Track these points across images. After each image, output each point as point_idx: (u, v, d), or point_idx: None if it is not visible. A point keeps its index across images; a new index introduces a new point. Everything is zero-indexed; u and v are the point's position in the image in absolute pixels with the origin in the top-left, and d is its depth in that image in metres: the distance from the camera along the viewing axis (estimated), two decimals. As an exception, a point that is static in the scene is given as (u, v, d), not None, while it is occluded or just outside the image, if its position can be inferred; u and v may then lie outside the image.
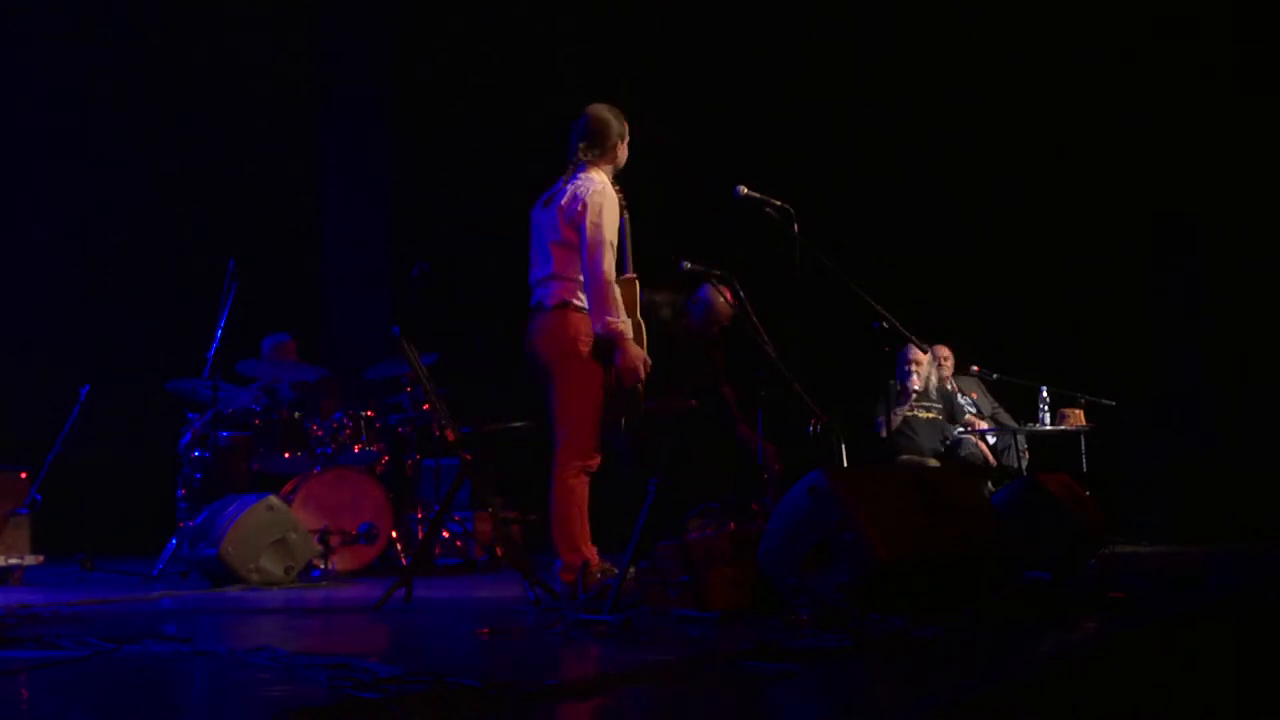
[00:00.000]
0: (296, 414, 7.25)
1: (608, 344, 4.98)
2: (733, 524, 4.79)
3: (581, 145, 5.22)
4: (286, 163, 9.95)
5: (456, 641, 4.00)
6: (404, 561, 6.85)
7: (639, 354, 5.05)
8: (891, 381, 8.10)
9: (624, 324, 5.04)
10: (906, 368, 8.01)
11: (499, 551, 7.00)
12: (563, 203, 5.12)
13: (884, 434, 7.97)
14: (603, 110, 5.28)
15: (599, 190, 5.10)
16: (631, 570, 4.32)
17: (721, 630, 3.85)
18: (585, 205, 5.06)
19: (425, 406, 7.08)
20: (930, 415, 8.00)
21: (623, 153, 5.33)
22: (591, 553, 5.04)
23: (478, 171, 9.55)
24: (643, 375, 5.04)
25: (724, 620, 3.97)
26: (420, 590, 5.28)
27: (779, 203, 5.56)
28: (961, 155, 9.61)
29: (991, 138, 9.52)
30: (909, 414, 7.99)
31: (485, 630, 4.05)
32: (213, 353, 7.02)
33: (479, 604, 5.15)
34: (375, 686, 2.62)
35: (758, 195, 5.52)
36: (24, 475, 6.85)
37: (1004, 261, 9.51)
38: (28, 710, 2.61)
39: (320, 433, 7.19)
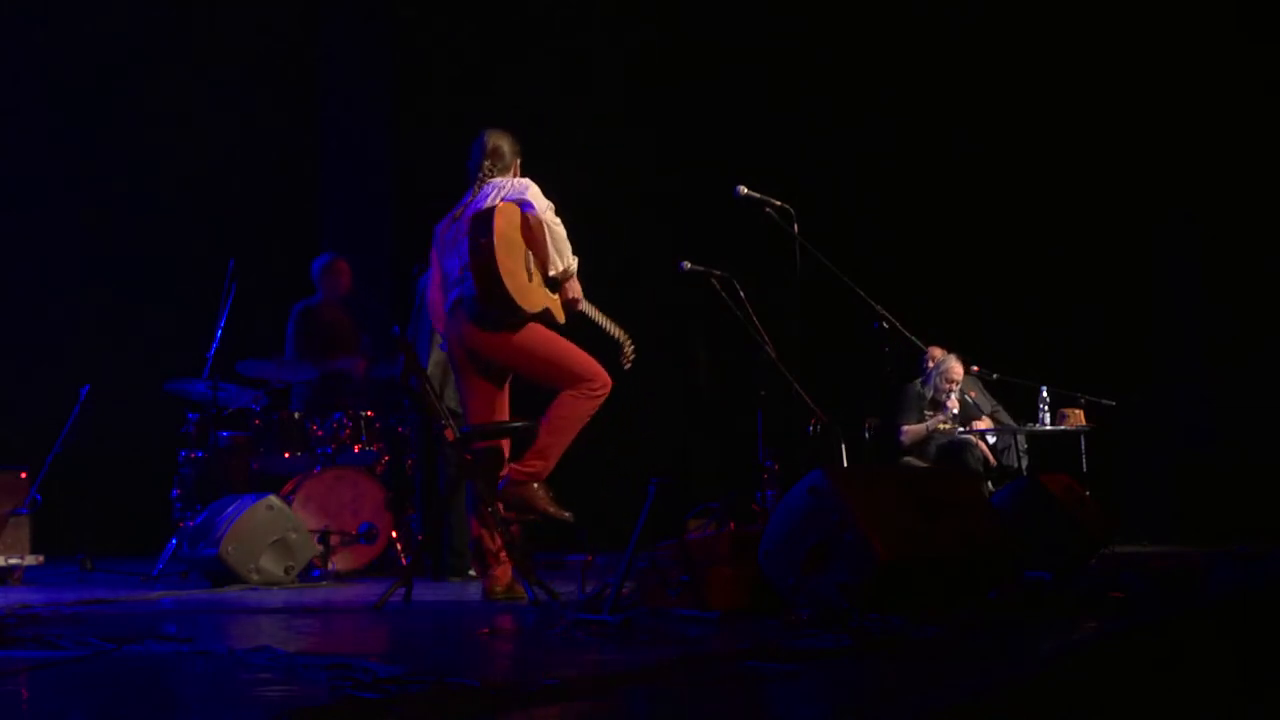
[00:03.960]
0: (296, 414, 7.25)
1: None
2: (733, 524, 4.80)
3: (486, 164, 5.35)
4: (287, 162, 9.94)
5: (456, 641, 4.00)
6: (404, 561, 6.85)
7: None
8: (915, 387, 8.08)
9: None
10: (944, 385, 7.98)
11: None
12: (488, 201, 5.22)
13: (905, 442, 7.96)
14: (497, 134, 5.41)
15: (535, 191, 5.24)
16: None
17: (721, 630, 3.85)
18: (524, 185, 5.23)
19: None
20: (948, 426, 8.00)
21: (518, 171, 5.44)
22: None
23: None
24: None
25: (724, 620, 3.98)
26: (420, 590, 5.28)
27: (779, 203, 5.56)
28: (961, 155, 9.61)
29: (991, 137, 9.52)
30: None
31: (485, 630, 4.06)
32: (213, 353, 7.02)
33: (479, 604, 5.15)
34: (375, 686, 2.62)
35: (758, 195, 5.53)
36: (24, 475, 6.85)
37: (1004, 261, 9.51)
38: (28, 710, 2.61)
39: (320, 433, 7.18)
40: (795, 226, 5.53)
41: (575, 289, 5.27)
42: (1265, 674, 3.20)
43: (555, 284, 5.21)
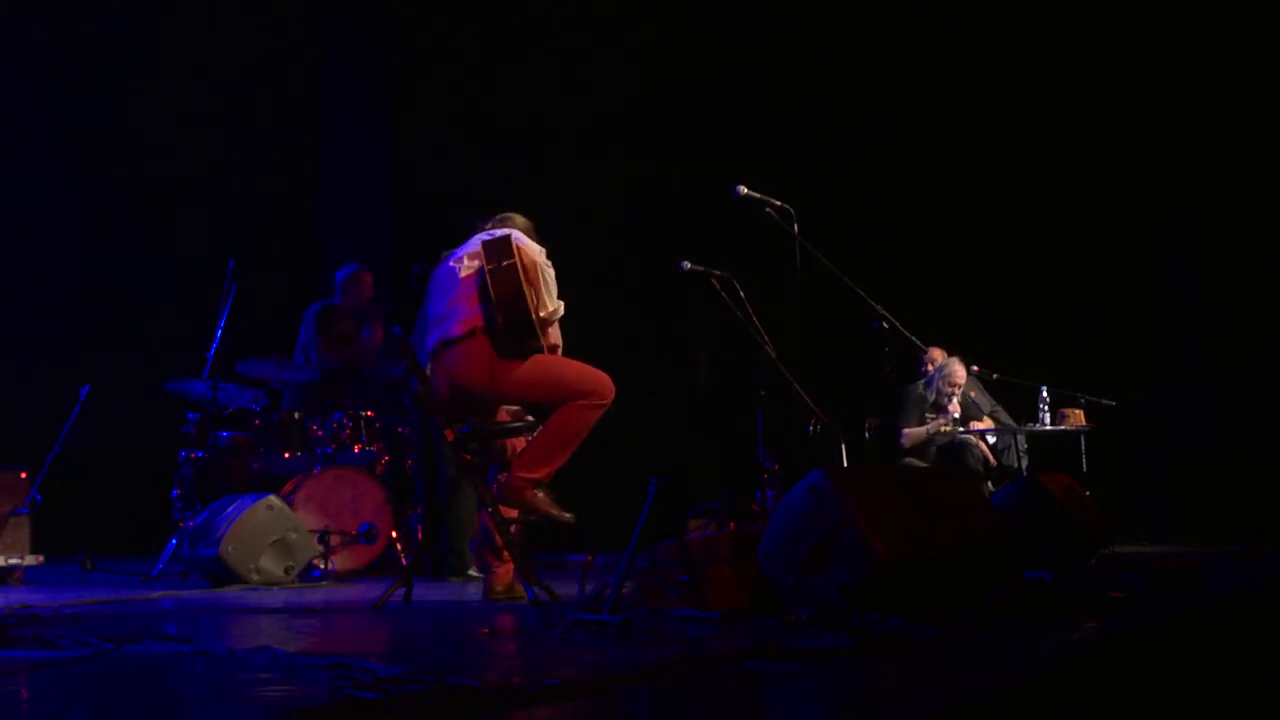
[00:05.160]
0: (296, 414, 7.25)
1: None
2: (733, 524, 4.79)
3: (490, 224, 5.30)
4: (287, 162, 9.95)
5: (456, 641, 4.00)
6: (404, 561, 6.85)
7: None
8: (917, 389, 8.08)
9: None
10: (946, 389, 7.99)
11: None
12: (476, 247, 5.15)
13: (905, 444, 7.97)
14: (517, 218, 5.35)
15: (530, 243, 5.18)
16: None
17: (721, 630, 3.85)
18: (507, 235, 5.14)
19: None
20: (949, 428, 8.00)
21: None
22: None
23: (479, 170, 9.55)
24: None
25: (724, 620, 3.98)
26: (420, 590, 5.28)
27: (779, 203, 5.56)
28: (961, 155, 9.61)
29: (991, 137, 9.52)
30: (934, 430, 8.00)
31: (485, 630, 4.06)
32: (213, 353, 7.02)
33: (479, 604, 5.15)
34: (375, 686, 2.62)
35: (758, 195, 5.53)
36: (24, 475, 6.85)
37: (1004, 261, 9.51)
38: (28, 710, 2.61)
39: (320, 433, 7.19)
40: (795, 226, 5.53)
41: (558, 335, 5.20)
42: (1265, 674, 3.20)
43: (541, 327, 5.12)
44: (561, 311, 5.19)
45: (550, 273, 5.13)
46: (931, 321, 7.82)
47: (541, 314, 5.07)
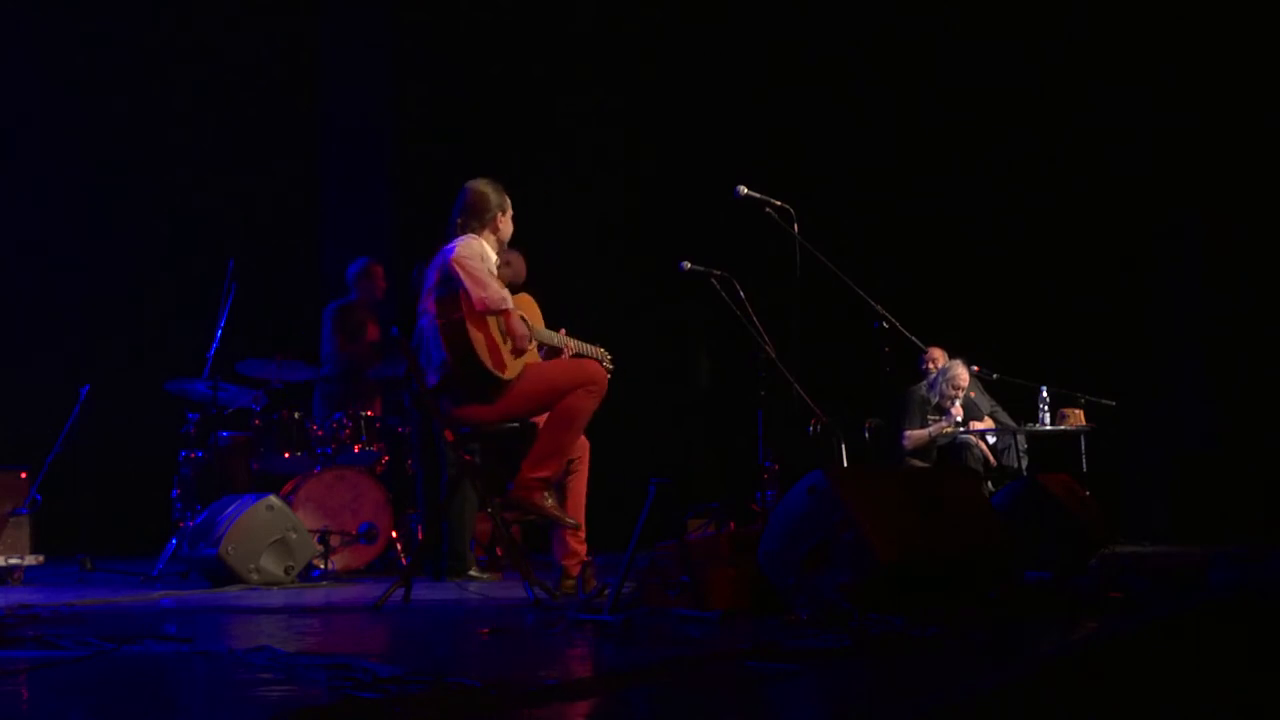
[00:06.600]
0: (296, 414, 7.25)
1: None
2: (733, 524, 4.79)
3: (459, 220, 5.32)
4: (287, 162, 9.94)
5: (456, 641, 4.00)
6: (404, 561, 6.85)
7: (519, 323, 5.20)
8: (920, 391, 8.08)
9: (498, 297, 5.13)
10: (950, 391, 8.00)
11: (499, 551, 7.00)
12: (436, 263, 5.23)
13: (907, 446, 7.97)
14: (481, 185, 5.38)
15: (466, 242, 5.20)
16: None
17: (721, 630, 3.85)
18: (454, 249, 5.18)
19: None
20: (951, 430, 8.01)
21: (504, 225, 5.40)
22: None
23: (478, 169, 9.54)
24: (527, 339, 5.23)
25: (724, 620, 3.98)
26: (420, 590, 5.28)
27: (779, 203, 5.56)
28: (960, 154, 9.61)
29: (989, 137, 9.52)
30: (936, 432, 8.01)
31: (485, 630, 4.06)
32: (213, 353, 7.02)
33: (479, 604, 5.15)
34: (375, 686, 2.62)
35: (758, 195, 5.53)
36: (24, 475, 6.84)
37: (1004, 261, 9.50)
38: (28, 710, 2.61)
39: (320, 433, 7.19)
40: (795, 226, 5.53)
41: (515, 327, 5.19)
42: (1266, 673, 3.20)
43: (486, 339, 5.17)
44: (510, 302, 5.19)
45: (473, 265, 5.09)
46: (931, 321, 7.82)
47: (479, 309, 5.07)
